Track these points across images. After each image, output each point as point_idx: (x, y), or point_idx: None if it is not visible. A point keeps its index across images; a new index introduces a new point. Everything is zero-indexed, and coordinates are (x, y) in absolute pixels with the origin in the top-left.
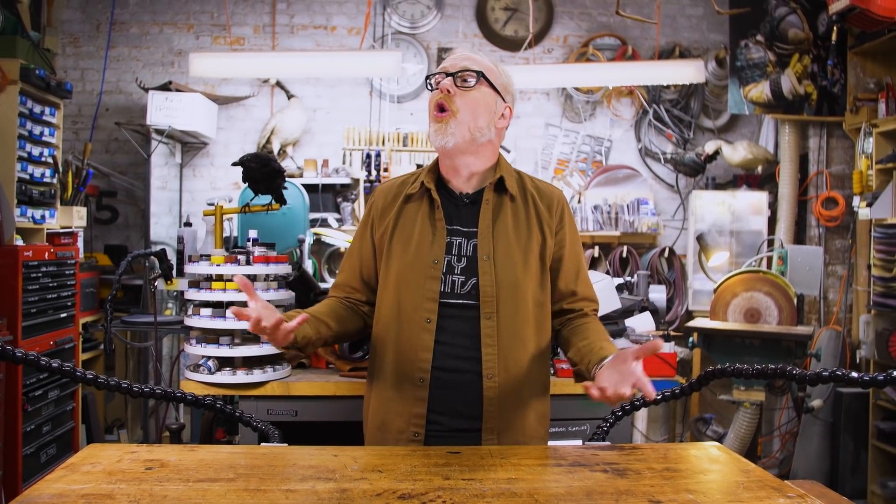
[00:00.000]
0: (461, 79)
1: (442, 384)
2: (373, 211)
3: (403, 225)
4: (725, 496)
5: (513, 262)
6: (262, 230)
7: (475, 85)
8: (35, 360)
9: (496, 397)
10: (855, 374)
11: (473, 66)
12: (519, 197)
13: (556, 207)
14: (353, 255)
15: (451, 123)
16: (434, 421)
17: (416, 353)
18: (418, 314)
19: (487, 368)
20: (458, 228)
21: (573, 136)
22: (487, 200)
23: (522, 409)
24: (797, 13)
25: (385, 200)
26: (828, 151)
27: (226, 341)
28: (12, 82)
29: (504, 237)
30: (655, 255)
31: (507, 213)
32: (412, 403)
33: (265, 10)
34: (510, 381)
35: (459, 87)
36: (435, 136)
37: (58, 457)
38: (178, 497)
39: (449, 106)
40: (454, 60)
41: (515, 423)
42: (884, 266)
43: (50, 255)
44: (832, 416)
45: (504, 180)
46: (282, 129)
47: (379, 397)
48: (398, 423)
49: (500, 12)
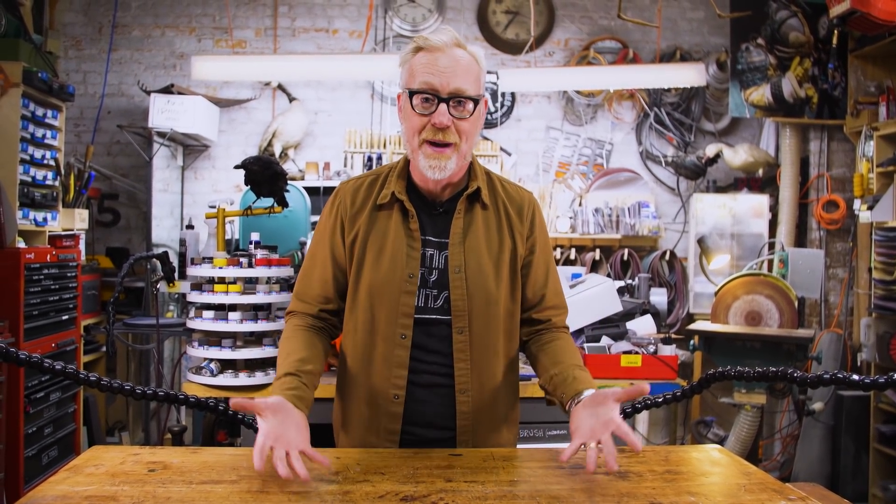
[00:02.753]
0: (456, 107)
1: (417, 399)
2: (340, 211)
3: (375, 233)
4: (727, 499)
5: (484, 274)
6: (264, 233)
7: (472, 112)
8: (38, 363)
9: (470, 411)
10: (856, 377)
11: (467, 85)
12: (491, 205)
13: (526, 212)
14: (324, 264)
15: (451, 158)
16: (408, 432)
17: (391, 369)
18: (392, 329)
19: (460, 383)
20: (431, 239)
21: (574, 139)
22: (460, 211)
23: (496, 421)
24: (798, 16)
25: (354, 203)
26: (829, 155)
27: (228, 344)
28: (15, 85)
29: (475, 248)
30: (656, 258)
31: (479, 223)
32: (387, 419)
33: (267, 14)
34: (483, 394)
35: (454, 116)
36: (430, 171)
37: (59, 459)
38: (181, 499)
39: (448, 139)
40: (443, 73)
41: (490, 434)
42: (885, 269)
43: (52, 257)
44: (833, 418)
45: (479, 191)
46: (283, 132)
47: (352, 414)
48: (371, 439)
49: (502, 15)
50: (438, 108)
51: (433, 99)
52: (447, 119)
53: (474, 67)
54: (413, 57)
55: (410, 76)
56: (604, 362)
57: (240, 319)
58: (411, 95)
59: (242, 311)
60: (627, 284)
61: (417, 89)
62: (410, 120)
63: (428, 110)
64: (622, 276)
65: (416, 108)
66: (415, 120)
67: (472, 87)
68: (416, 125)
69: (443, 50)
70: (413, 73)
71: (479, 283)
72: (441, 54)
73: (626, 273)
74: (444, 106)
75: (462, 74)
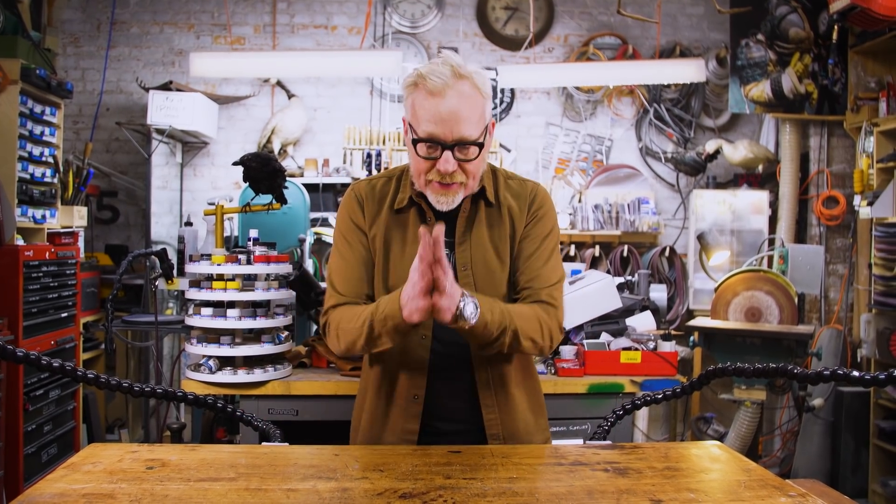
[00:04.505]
0: (460, 151)
1: (436, 396)
2: (361, 211)
3: (396, 236)
4: (727, 495)
5: (490, 269)
6: (263, 230)
7: (478, 153)
8: (36, 360)
9: (493, 404)
10: (856, 373)
11: (471, 131)
12: (495, 202)
13: (527, 201)
14: (356, 263)
15: (458, 194)
16: (429, 425)
17: (412, 370)
18: (414, 331)
19: (481, 378)
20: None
21: (574, 135)
22: (465, 210)
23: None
24: (798, 12)
25: (371, 203)
26: (828, 150)
27: (227, 341)
28: (13, 82)
29: (480, 245)
30: (656, 254)
31: (483, 221)
32: (406, 420)
33: (266, 10)
34: (500, 381)
35: (460, 159)
36: (438, 204)
37: (59, 456)
38: (179, 496)
39: (456, 180)
40: (446, 122)
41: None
42: (884, 265)
43: (51, 254)
44: (833, 415)
45: (484, 190)
46: (282, 129)
47: (372, 413)
48: (390, 438)
49: (501, 11)
50: (443, 156)
51: (437, 146)
52: (452, 166)
53: (478, 102)
54: (414, 92)
55: (413, 116)
56: (603, 359)
57: (238, 316)
58: (415, 144)
59: (241, 308)
60: (627, 281)
61: (421, 139)
62: (416, 161)
63: (433, 155)
64: (622, 272)
65: (421, 153)
66: (420, 163)
67: (477, 129)
68: (422, 168)
69: (443, 94)
70: (415, 114)
71: (486, 279)
72: (442, 100)
73: (625, 269)
74: (448, 153)
75: (465, 120)
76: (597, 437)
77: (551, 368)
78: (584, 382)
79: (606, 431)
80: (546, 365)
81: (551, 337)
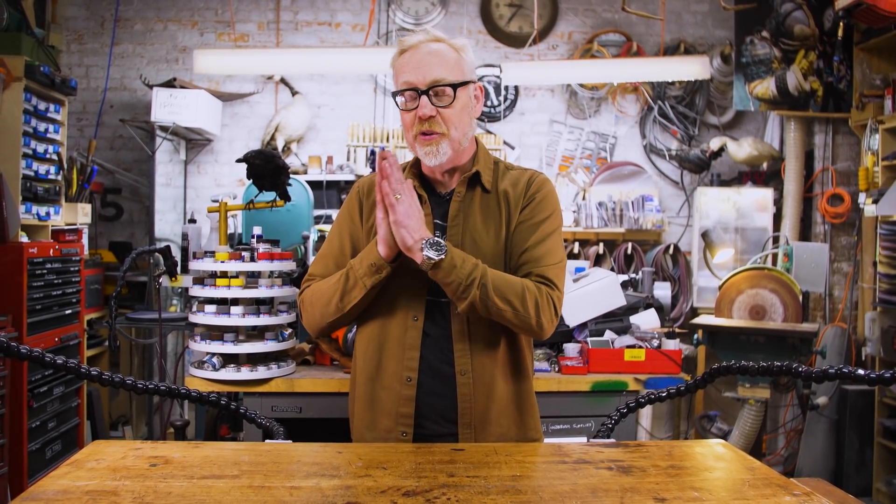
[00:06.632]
0: (436, 95)
1: (426, 381)
2: (360, 200)
3: None
4: (731, 494)
5: (482, 253)
6: (267, 227)
7: (454, 98)
8: (40, 357)
9: (470, 393)
10: (861, 372)
11: (444, 73)
12: (493, 189)
13: (524, 186)
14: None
15: (441, 144)
16: (419, 424)
17: (404, 351)
18: (406, 312)
19: (460, 365)
20: (437, 223)
21: (578, 132)
22: (459, 193)
23: (500, 404)
24: (803, 9)
25: (371, 194)
26: (833, 148)
27: (230, 338)
28: (17, 79)
29: (472, 229)
30: (660, 251)
31: (477, 205)
32: (400, 403)
33: (269, 7)
34: (483, 374)
35: (438, 105)
36: (426, 157)
37: (63, 453)
38: (182, 493)
39: (435, 129)
40: (419, 69)
41: (489, 416)
42: (889, 263)
43: (55, 251)
44: (837, 413)
45: (480, 175)
46: (286, 126)
47: (366, 397)
48: (386, 422)
49: (505, 8)
50: (420, 101)
51: (415, 94)
52: (430, 109)
53: (451, 55)
54: (396, 60)
55: (395, 79)
56: (607, 357)
57: (242, 314)
58: (395, 97)
59: (245, 306)
60: (631, 278)
61: (399, 89)
62: (402, 119)
63: (412, 106)
64: (626, 270)
65: (402, 105)
66: (405, 117)
67: (451, 73)
68: (407, 122)
69: (417, 47)
70: (396, 75)
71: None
72: (415, 51)
73: (629, 267)
74: (424, 98)
75: (437, 65)
76: (600, 435)
77: (555, 366)
78: (588, 380)
79: (610, 429)
80: (550, 363)
81: (538, 309)
